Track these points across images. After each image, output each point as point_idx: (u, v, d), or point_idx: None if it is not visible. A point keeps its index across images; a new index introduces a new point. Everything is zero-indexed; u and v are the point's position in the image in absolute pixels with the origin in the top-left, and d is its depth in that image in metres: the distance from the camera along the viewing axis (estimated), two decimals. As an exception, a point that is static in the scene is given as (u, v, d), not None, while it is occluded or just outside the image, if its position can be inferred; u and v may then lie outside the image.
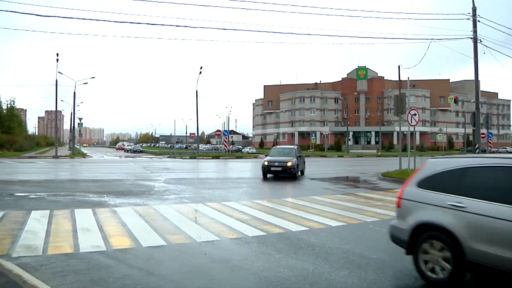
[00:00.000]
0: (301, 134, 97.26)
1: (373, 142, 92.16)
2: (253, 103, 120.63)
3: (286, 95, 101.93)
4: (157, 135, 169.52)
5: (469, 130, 39.55)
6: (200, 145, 70.96)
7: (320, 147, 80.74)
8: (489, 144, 30.96)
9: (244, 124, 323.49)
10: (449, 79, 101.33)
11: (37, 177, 20.68)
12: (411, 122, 20.97)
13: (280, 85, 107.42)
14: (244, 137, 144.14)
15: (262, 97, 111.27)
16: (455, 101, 57.39)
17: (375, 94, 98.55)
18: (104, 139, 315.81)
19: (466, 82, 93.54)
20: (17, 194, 13.30)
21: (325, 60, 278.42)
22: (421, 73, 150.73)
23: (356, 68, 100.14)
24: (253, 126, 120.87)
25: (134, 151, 71.47)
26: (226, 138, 53.88)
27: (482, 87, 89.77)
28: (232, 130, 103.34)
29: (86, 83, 75.89)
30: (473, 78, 22.95)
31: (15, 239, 7.20)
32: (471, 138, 53.67)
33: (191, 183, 17.84)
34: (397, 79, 29.67)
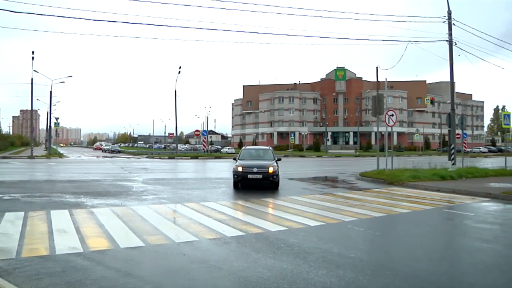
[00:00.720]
0: (280, 134, 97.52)
1: (351, 142, 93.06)
2: (232, 103, 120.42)
3: (265, 96, 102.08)
4: (136, 135, 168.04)
5: (445, 130, 40.36)
6: (179, 145, 70.52)
7: (299, 147, 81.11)
8: (464, 144, 31.60)
9: (223, 124, 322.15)
10: (425, 81, 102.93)
11: (12, 177, 20.23)
12: (389, 123, 21.23)
13: (259, 85, 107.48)
14: (223, 137, 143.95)
15: (241, 97, 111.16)
16: (432, 102, 58.29)
17: (354, 95, 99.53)
18: (82, 139, 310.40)
19: (442, 84, 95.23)
20: (-10, 195, 12.97)
21: (304, 60, 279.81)
22: (399, 74, 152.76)
23: (334, 69, 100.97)
24: (232, 126, 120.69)
25: (112, 151, 70.57)
26: (205, 138, 53.67)
27: (457, 89, 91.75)
28: (211, 130, 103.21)
29: (63, 82, 74.32)
30: (449, 79, 23.41)
31: (-13, 242, 7.03)
32: (447, 138, 54.64)
33: (170, 184, 17.72)
34: (375, 80, 30.06)
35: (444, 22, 22.55)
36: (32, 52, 43.32)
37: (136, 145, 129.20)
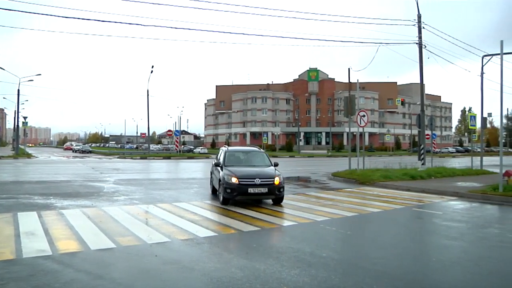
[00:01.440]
0: (253, 134, 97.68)
1: (323, 142, 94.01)
2: (205, 103, 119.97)
3: (238, 96, 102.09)
4: (107, 135, 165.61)
5: (415, 131, 41.20)
6: (151, 145, 69.85)
7: (271, 147, 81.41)
8: (433, 144, 32.32)
9: (196, 124, 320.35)
10: (396, 82, 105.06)
11: (-23, 178, 19.62)
12: (360, 123, 21.52)
13: (233, 85, 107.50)
14: (196, 137, 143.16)
15: (214, 97, 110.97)
16: (402, 103, 59.58)
17: (326, 96, 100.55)
18: (51, 139, 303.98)
19: (413, 85, 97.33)
20: (-46, 197, 12.54)
21: (277, 61, 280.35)
22: (371, 76, 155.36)
23: (307, 70, 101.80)
24: (205, 126, 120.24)
25: (83, 151, 69.28)
26: (177, 138, 53.26)
27: (427, 90, 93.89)
28: (183, 130, 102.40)
29: (31, 80, 71.94)
30: (419, 81, 23.92)
31: (-50, 246, 6.78)
32: (416, 139, 55.78)
33: (142, 184, 17.52)
34: (347, 81, 30.47)
35: (414, 25, 23.05)
36: (-2, 49, 42.15)
37: (107, 145, 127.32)
